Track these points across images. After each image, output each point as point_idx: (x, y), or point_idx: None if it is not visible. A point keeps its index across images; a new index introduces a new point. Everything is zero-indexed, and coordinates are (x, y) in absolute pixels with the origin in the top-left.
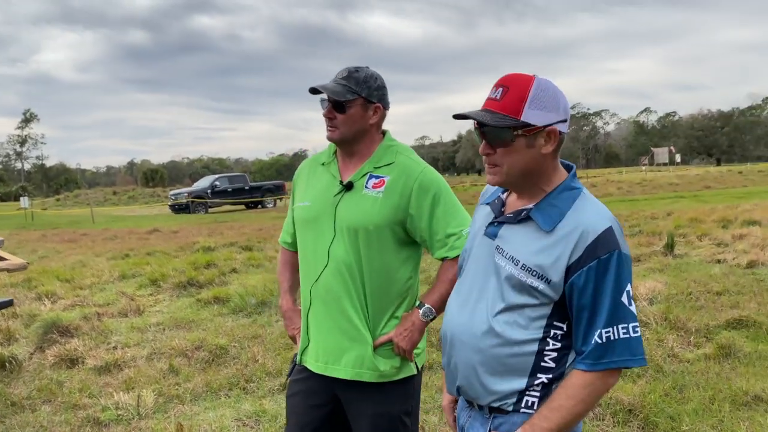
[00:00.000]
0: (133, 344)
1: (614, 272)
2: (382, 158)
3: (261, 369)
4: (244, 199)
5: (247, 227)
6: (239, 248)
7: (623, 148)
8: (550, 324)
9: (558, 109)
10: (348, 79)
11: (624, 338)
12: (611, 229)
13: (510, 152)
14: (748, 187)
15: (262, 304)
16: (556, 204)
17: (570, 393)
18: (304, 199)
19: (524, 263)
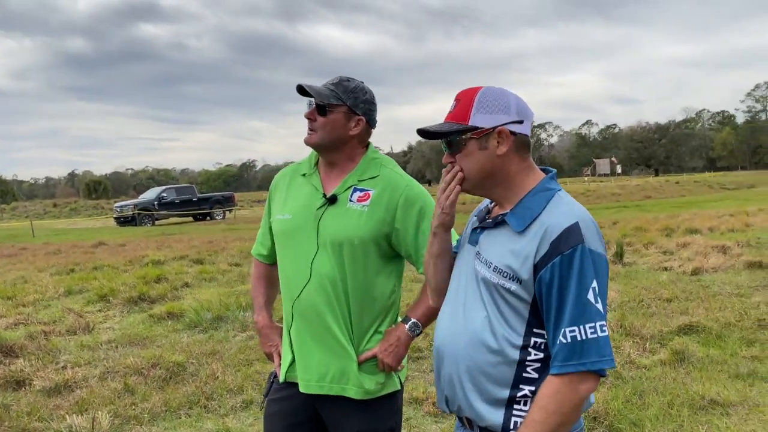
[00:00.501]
0: (84, 363)
1: (578, 268)
2: (366, 171)
3: (221, 386)
4: (192, 211)
5: (197, 240)
6: (190, 261)
7: (566, 159)
8: (529, 331)
9: (508, 111)
10: (337, 86)
11: (592, 338)
12: (577, 225)
13: (465, 156)
14: (686, 196)
15: (219, 319)
16: (530, 206)
17: (541, 404)
18: (283, 212)
19: (496, 265)
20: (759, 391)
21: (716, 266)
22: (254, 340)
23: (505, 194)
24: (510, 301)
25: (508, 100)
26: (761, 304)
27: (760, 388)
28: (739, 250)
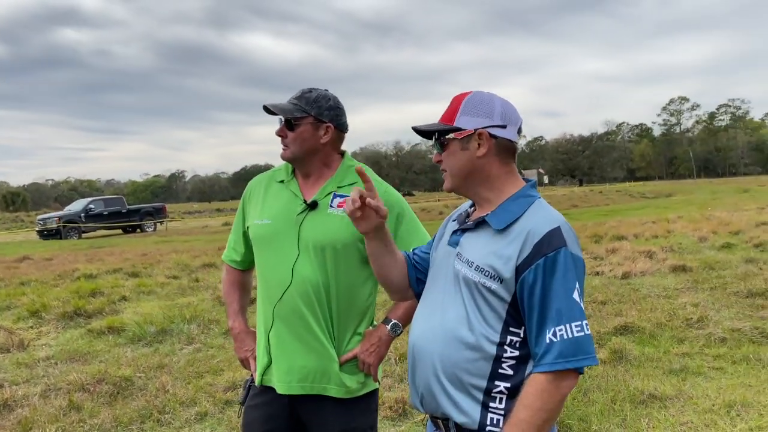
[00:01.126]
0: (23, 381)
1: (562, 269)
2: (344, 178)
3: (173, 399)
4: (122, 223)
5: (129, 252)
6: (125, 275)
7: None
8: (506, 329)
9: (491, 115)
10: (299, 99)
11: (578, 336)
12: (559, 229)
13: (448, 155)
14: (609, 205)
15: (163, 333)
16: (510, 209)
17: (527, 402)
18: (262, 217)
19: (478, 264)
20: (691, 385)
21: (644, 270)
22: (202, 353)
23: (486, 195)
24: (489, 300)
25: (493, 105)
26: (687, 305)
27: (692, 382)
28: (664, 255)
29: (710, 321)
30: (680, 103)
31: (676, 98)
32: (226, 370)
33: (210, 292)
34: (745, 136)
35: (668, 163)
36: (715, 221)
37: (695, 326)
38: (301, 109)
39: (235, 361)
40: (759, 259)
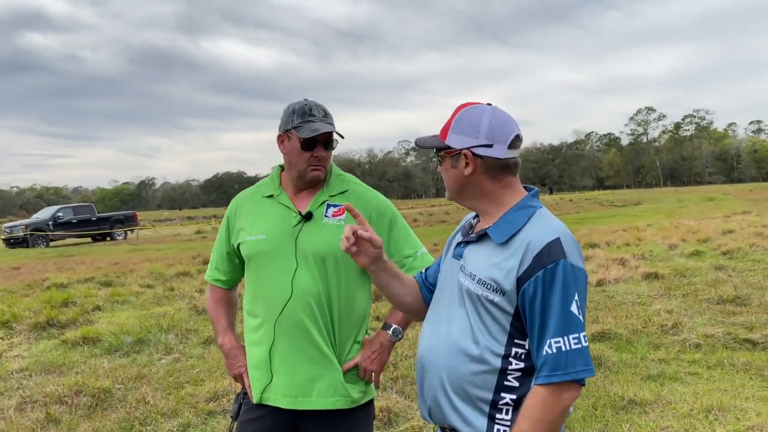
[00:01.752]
0: None
1: (561, 281)
2: (334, 187)
3: (154, 410)
4: (91, 231)
5: (101, 261)
6: (98, 284)
7: None
8: (511, 342)
9: (477, 134)
10: (328, 117)
11: (576, 348)
12: (558, 240)
13: (443, 171)
14: (580, 213)
15: (141, 343)
16: (511, 220)
17: (527, 414)
18: (255, 233)
19: (480, 277)
20: (669, 390)
21: (617, 277)
22: (181, 363)
23: (485, 208)
24: (492, 312)
25: (480, 123)
26: (661, 311)
27: (669, 388)
28: (636, 263)
29: (684, 327)
30: (647, 114)
31: (643, 108)
32: (207, 380)
33: (186, 302)
34: (709, 145)
35: (636, 171)
36: (683, 229)
37: (670, 332)
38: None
39: (216, 371)
40: (728, 267)
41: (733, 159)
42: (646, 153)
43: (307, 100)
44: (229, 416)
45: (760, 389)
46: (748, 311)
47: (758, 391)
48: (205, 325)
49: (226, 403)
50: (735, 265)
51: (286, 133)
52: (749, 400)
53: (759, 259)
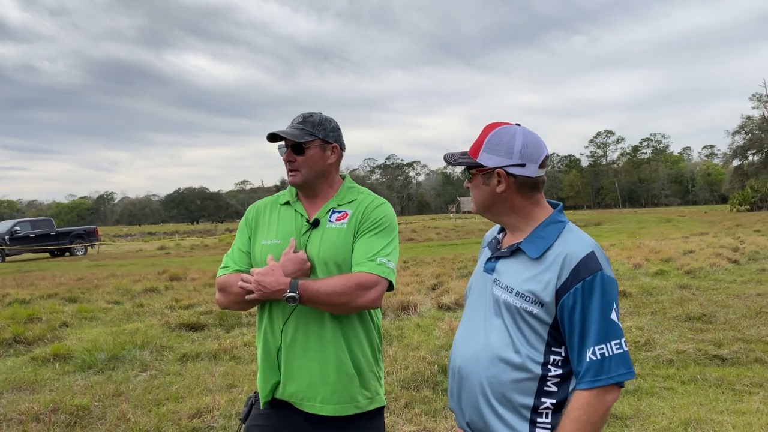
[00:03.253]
0: None
1: (600, 292)
2: (345, 197)
3: (136, 427)
4: (50, 246)
5: (63, 277)
6: (62, 300)
7: (433, 197)
8: (548, 350)
9: (510, 155)
10: (304, 123)
11: (618, 353)
12: (593, 254)
13: (473, 187)
14: None
15: (115, 359)
16: (543, 236)
17: (573, 417)
18: (270, 237)
19: (518, 290)
20: (647, 405)
21: None
22: (159, 380)
23: (514, 223)
24: (531, 323)
25: (514, 144)
26: (633, 329)
27: (647, 402)
28: None
29: (657, 344)
30: (606, 136)
31: (603, 131)
32: (187, 397)
33: (158, 318)
34: (665, 168)
35: (595, 192)
36: (645, 249)
37: (643, 349)
38: (308, 132)
39: (196, 387)
40: (692, 285)
41: (688, 182)
42: (605, 174)
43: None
44: (238, 419)
45: (733, 403)
46: (715, 328)
47: (731, 405)
48: (179, 342)
49: (210, 420)
50: (698, 284)
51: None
52: (724, 414)
53: (720, 279)
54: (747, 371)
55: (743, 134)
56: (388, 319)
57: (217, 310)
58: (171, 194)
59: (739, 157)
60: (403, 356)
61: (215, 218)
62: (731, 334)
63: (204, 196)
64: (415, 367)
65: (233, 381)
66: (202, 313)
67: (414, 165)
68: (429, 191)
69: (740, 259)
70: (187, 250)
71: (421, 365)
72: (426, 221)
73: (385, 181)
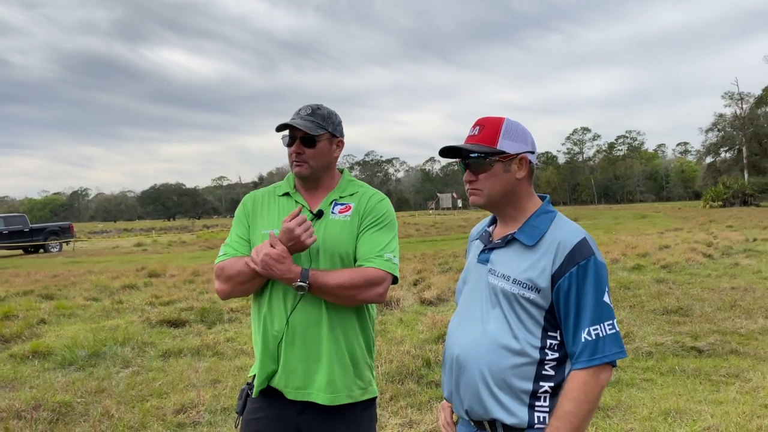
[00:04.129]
0: None
1: (593, 275)
2: (346, 189)
3: (120, 424)
4: (24, 242)
5: (38, 274)
6: (38, 297)
7: (412, 193)
8: (545, 334)
9: (526, 141)
10: (314, 116)
11: (611, 333)
12: (585, 240)
13: (490, 176)
14: None
15: (96, 356)
16: (536, 225)
17: (570, 396)
18: (271, 227)
19: (515, 278)
20: (628, 396)
21: None
22: (141, 376)
23: (512, 213)
24: (528, 309)
25: (527, 132)
26: None
27: (628, 393)
28: None
29: (636, 336)
30: (582, 134)
31: (579, 128)
32: (171, 392)
33: (138, 314)
34: (640, 165)
35: (572, 189)
36: (622, 244)
37: (623, 341)
38: (319, 125)
39: (179, 383)
40: (668, 280)
41: (662, 178)
42: (581, 171)
43: (312, 103)
44: (224, 414)
45: (711, 393)
46: (692, 321)
47: (709, 395)
48: (161, 338)
49: (195, 415)
50: (675, 278)
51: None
52: (702, 403)
53: (695, 273)
54: (723, 362)
55: (716, 132)
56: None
57: (198, 306)
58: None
59: (711, 154)
60: (387, 350)
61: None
62: (707, 326)
63: (181, 192)
64: (400, 361)
65: (217, 376)
66: (183, 309)
67: (393, 161)
68: (408, 188)
69: (714, 254)
70: (165, 247)
71: (406, 359)
72: (405, 217)
73: (364, 178)
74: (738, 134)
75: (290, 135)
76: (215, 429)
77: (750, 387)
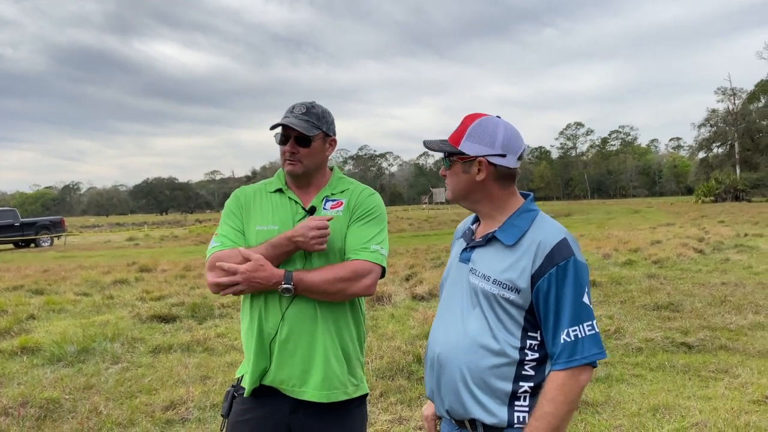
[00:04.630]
0: None
1: (573, 276)
2: (337, 186)
3: (108, 420)
4: (14, 237)
5: (28, 269)
6: (28, 292)
7: (406, 188)
8: (525, 335)
9: (492, 144)
10: (309, 115)
11: (590, 335)
12: (565, 240)
13: (451, 175)
14: None
15: (85, 352)
16: (517, 224)
17: (549, 397)
18: (266, 223)
19: (495, 278)
20: (617, 391)
21: None
22: (130, 372)
23: (489, 212)
24: (507, 309)
25: (496, 134)
26: (603, 317)
27: (617, 389)
28: None
29: (626, 332)
30: (576, 128)
31: (573, 123)
32: (160, 389)
33: (128, 310)
34: (633, 160)
35: (565, 184)
36: (614, 239)
37: (613, 337)
38: (314, 125)
39: (169, 380)
40: (659, 275)
41: (655, 173)
42: (574, 166)
43: (305, 101)
44: (213, 410)
45: (700, 389)
46: (682, 317)
47: (698, 391)
48: (151, 334)
49: (184, 412)
50: (666, 274)
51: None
52: (691, 399)
53: (686, 268)
54: (713, 358)
55: (708, 127)
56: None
57: (189, 302)
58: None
59: (704, 150)
60: (378, 346)
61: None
62: (697, 322)
63: (173, 187)
64: (390, 357)
65: (207, 372)
66: (173, 304)
67: (387, 156)
68: (402, 182)
69: (705, 249)
70: (157, 241)
71: (396, 355)
72: (399, 212)
73: (357, 172)
74: (730, 130)
75: (284, 133)
76: (204, 426)
77: (738, 383)
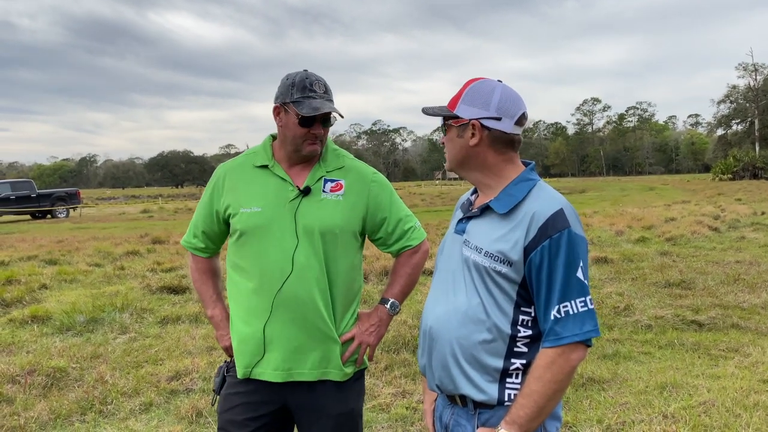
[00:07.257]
0: None
1: (566, 249)
2: (331, 163)
3: (114, 389)
4: (31, 208)
5: (43, 239)
6: (42, 262)
7: (419, 163)
8: (518, 310)
9: (487, 107)
10: (328, 93)
11: (582, 311)
12: (561, 211)
13: (447, 140)
14: None
15: (94, 322)
16: (513, 193)
17: (537, 375)
18: (250, 205)
19: (487, 250)
20: (624, 369)
21: None
22: (138, 342)
23: (486, 181)
24: (499, 283)
25: (492, 96)
26: (613, 294)
27: (624, 366)
28: None
29: (636, 309)
30: (593, 104)
31: (589, 99)
32: (166, 359)
33: (138, 281)
34: (650, 137)
35: (580, 160)
36: (628, 216)
37: (623, 314)
38: (333, 103)
39: (176, 350)
40: (672, 252)
41: (672, 150)
42: (590, 143)
43: (306, 72)
44: (212, 389)
45: (709, 367)
46: (693, 295)
47: (707, 369)
48: (160, 305)
49: (188, 382)
50: (679, 251)
51: (284, 106)
52: (699, 378)
53: (700, 246)
54: (723, 336)
55: (728, 103)
56: (371, 283)
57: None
58: (155, 157)
59: (723, 127)
60: None
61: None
62: (709, 300)
63: (188, 160)
64: (396, 331)
65: (213, 344)
66: (183, 276)
67: (400, 131)
68: (415, 157)
69: (720, 227)
70: (171, 214)
71: (402, 329)
72: (412, 188)
73: (371, 147)
74: (751, 106)
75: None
76: (207, 396)
77: (749, 362)
